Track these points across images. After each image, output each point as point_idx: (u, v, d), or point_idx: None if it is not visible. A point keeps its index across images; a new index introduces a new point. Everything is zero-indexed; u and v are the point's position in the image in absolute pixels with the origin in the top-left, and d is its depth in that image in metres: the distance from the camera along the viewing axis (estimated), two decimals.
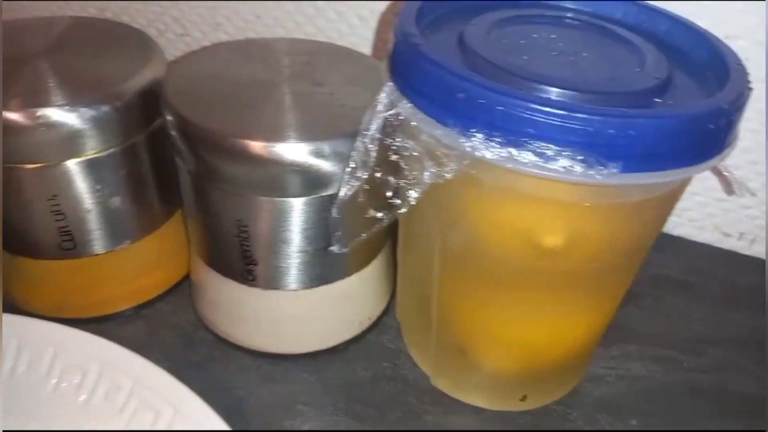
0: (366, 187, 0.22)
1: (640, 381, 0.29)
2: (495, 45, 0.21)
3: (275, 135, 0.22)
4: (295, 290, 0.27)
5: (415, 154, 0.20)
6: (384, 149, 0.21)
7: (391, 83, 0.21)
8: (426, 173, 0.19)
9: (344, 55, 0.28)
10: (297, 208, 0.24)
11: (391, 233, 0.29)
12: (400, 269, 0.29)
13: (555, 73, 0.20)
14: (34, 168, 0.25)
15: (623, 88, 0.20)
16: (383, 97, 0.21)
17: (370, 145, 0.21)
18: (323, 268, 0.26)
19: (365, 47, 0.39)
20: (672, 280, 0.35)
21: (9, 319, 0.26)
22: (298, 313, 0.28)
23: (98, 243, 0.28)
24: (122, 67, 0.26)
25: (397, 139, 0.20)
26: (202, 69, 0.26)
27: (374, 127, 0.20)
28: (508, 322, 0.25)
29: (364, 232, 0.22)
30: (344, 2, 0.38)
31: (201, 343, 0.30)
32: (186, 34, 0.43)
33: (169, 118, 0.24)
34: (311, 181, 0.23)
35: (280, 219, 0.24)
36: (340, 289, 0.28)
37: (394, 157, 0.21)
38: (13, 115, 0.23)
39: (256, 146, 0.22)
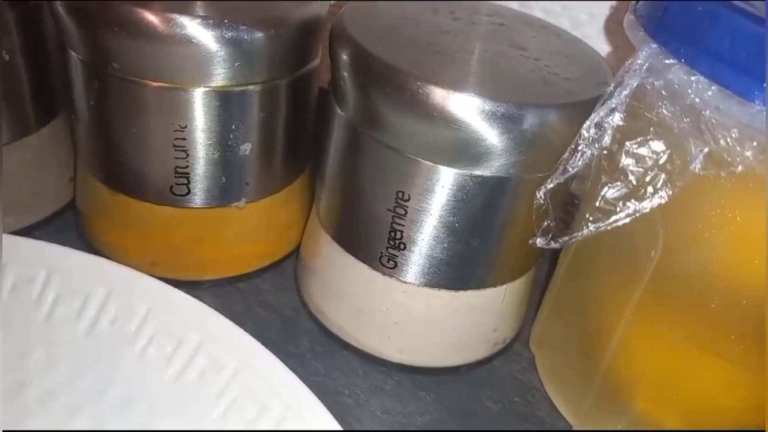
0: (586, 173, 0.17)
1: None
2: None
3: (471, 88, 0.18)
4: (437, 289, 0.22)
5: (680, 137, 0.15)
6: (624, 130, 0.16)
7: (653, 45, 0.16)
8: (696, 163, 0.14)
9: (539, 25, 0.23)
10: (483, 186, 0.19)
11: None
12: (554, 293, 0.24)
13: None
14: (166, 87, 0.21)
15: None
16: (639, 61, 0.16)
17: (611, 118, 0.16)
18: (476, 270, 0.22)
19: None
20: None
21: (101, 263, 0.22)
22: (432, 316, 0.23)
23: (214, 195, 0.23)
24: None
25: (660, 111, 0.15)
26: (384, 11, 0.22)
27: (622, 96, 0.16)
28: (707, 376, 0.20)
29: (576, 231, 0.17)
30: None
31: (302, 333, 0.25)
32: None
33: (343, 55, 0.20)
34: (506, 155, 0.19)
35: (456, 197, 0.19)
36: (485, 299, 0.23)
37: (635, 147, 0.16)
38: (151, 18, 0.19)
39: (447, 96, 0.18)
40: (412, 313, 0.23)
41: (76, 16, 0.20)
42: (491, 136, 0.18)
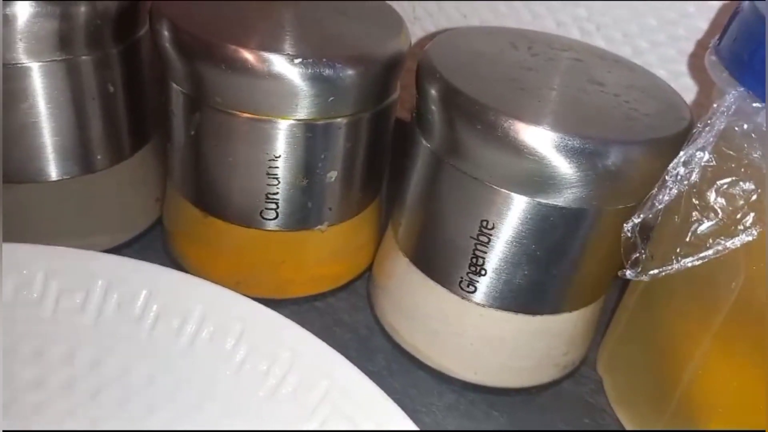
0: (675, 207, 0.18)
1: None
2: None
3: (557, 126, 0.19)
4: (514, 313, 0.23)
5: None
6: (713, 169, 0.17)
7: (740, 87, 0.17)
8: None
9: (612, 60, 0.24)
10: (565, 217, 0.20)
11: None
12: (626, 318, 0.25)
13: None
14: (263, 120, 0.22)
15: None
16: (726, 104, 0.17)
17: (700, 154, 0.17)
18: (552, 296, 0.23)
19: None
20: None
21: (198, 282, 0.23)
22: (507, 339, 0.24)
23: (299, 219, 0.25)
24: (370, 35, 0.23)
25: (749, 153, 0.16)
26: (465, 46, 0.23)
27: (710, 137, 0.17)
28: None
29: (667, 264, 0.18)
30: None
31: (377, 351, 0.26)
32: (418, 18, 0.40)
33: (432, 91, 0.21)
34: (589, 188, 0.19)
35: (538, 227, 0.20)
36: (559, 324, 0.24)
37: (725, 186, 0.17)
38: (249, 56, 0.21)
39: (535, 133, 0.19)
40: (487, 336, 0.24)
41: (183, 54, 0.22)
42: (576, 170, 0.19)
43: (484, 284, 0.22)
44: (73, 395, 0.21)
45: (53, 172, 0.25)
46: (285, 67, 0.21)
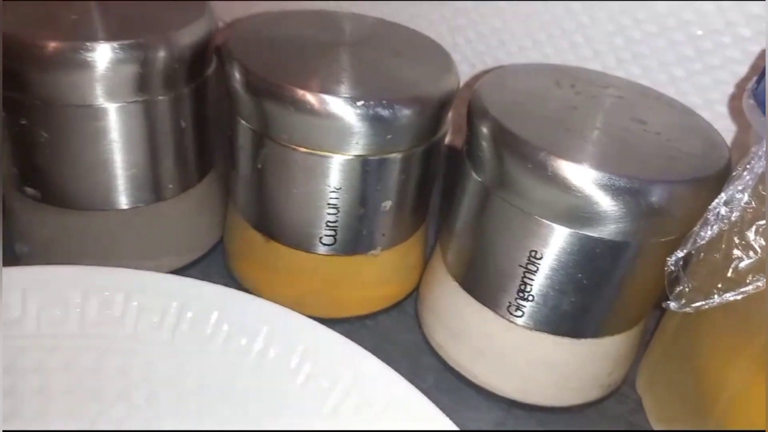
0: (719, 243, 0.19)
1: None
2: None
3: (604, 165, 0.20)
4: (560, 336, 0.24)
5: None
6: (753, 209, 0.18)
7: None
8: None
9: (654, 96, 0.26)
10: (610, 248, 0.21)
11: None
12: (666, 340, 0.26)
13: None
14: (326, 156, 0.24)
15: None
16: (764, 149, 0.18)
17: (740, 195, 0.18)
18: (597, 320, 0.24)
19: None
20: None
21: (259, 302, 0.25)
22: (552, 361, 0.25)
23: (355, 244, 0.26)
24: (423, 75, 0.25)
25: None
26: (512, 86, 0.25)
27: (749, 180, 0.18)
28: None
29: (709, 298, 0.19)
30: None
31: (427, 369, 0.28)
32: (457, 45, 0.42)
33: (483, 129, 0.23)
34: (633, 224, 0.21)
35: (585, 257, 0.22)
36: (603, 347, 0.25)
37: (764, 226, 0.18)
38: (314, 99, 0.23)
39: (583, 173, 0.20)
40: (533, 357, 0.25)
41: (252, 94, 0.24)
42: (620, 207, 0.21)
43: (530, 309, 0.24)
44: (155, 407, 0.23)
45: (128, 201, 0.27)
46: (347, 109, 0.23)
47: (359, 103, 0.23)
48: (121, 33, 0.24)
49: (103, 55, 0.23)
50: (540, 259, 0.22)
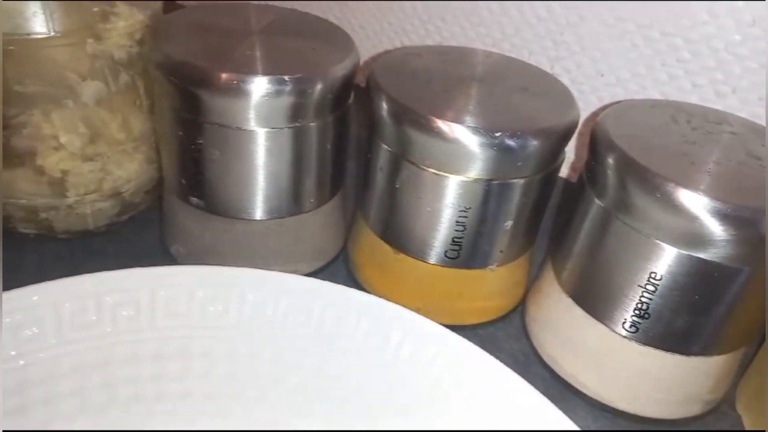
0: None
1: None
2: None
3: (727, 197, 0.22)
4: (671, 353, 0.26)
5: None
6: None
7: None
8: None
9: (749, 128, 0.27)
10: (726, 272, 0.23)
11: None
12: (765, 360, 0.28)
13: None
14: (461, 180, 0.27)
15: None
16: None
17: None
18: (709, 339, 0.26)
19: None
20: None
21: (392, 306, 0.28)
22: (663, 376, 0.27)
23: (476, 259, 0.29)
24: (549, 109, 0.28)
25: None
26: (631, 119, 0.27)
27: None
28: None
29: None
30: None
31: (536, 377, 0.30)
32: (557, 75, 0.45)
33: (609, 160, 0.25)
34: (748, 251, 0.23)
35: (702, 280, 0.24)
36: (711, 365, 0.27)
37: None
38: (456, 129, 0.25)
39: (706, 204, 0.22)
40: (644, 371, 0.27)
41: (397, 122, 0.27)
42: (739, 234, 0.23)
43: (645, 326, 0.26)
44: (305, 394, 0.26)
45: (276, 213, 0.30)
46: (481, 138, 0.26)
47: (497, 134, 0.25)
48: (284, 68, 0.27)
49: (266, 86, 0.27)
50: (659, 280, 0.25)
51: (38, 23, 0.25)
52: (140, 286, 0.27)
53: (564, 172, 0.44)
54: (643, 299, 0.25)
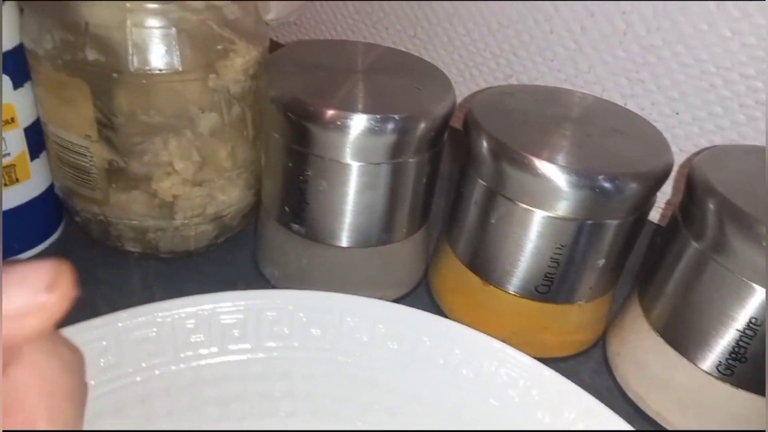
0: None
1: None
2: None
3: None
4: (762, 396, 0.26)
5: None
6: None
7: None
8: None
9: None
10: None
11: None
12: None
13: None
14: (560, 218, 0.28)
15: None
16: None
17: None
18: None
19: None
20: None
21: (481, 336, 0.29)
22: (752, 418, 0.27)
23: (566, 294, 0.30)
24: (642, 152, 0.29)
25: None
26: (729, 164, 0.28)
27: None
28: None
29: None
30: None
31: (620, 412, 0.31)
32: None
33: (710, 204, 0.26)
34: None
35: None
36: None
37: None
38: (557, 170, 0.26)
39: None
40: (734, 412, 0.27)
41: (497, 160, 0.28)
42: None
43: (740, 368, 0.26)
44: (394, 414, 0.27)
45: (372, 241, 0.32)
46: (583, 180, 0.27)
47: (601, 177, 0.26)
48: (391, 107, 0.29)
49: (375, 124, 0.28)
50: (759, 325, 0.25)
51: (168, 60, 0.27)
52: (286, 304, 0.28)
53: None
54: (741, 343, 0.26)
